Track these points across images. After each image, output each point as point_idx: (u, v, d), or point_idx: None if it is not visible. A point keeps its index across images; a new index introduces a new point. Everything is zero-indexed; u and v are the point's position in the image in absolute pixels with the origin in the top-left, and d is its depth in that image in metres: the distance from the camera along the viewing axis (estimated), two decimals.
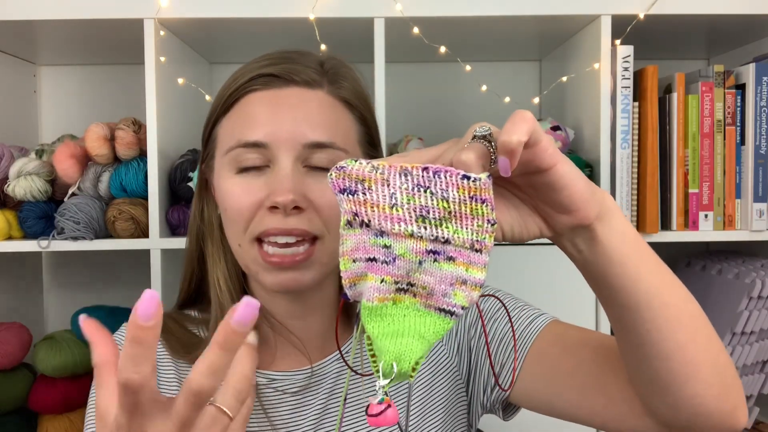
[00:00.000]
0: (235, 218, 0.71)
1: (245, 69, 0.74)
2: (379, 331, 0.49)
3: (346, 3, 1.20)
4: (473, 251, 0.48)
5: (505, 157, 0.45)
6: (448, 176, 0.46)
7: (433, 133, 1.56)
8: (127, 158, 1.24)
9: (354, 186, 0.48)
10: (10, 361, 1.30)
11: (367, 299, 0.49)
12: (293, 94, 0.71)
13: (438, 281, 0.49)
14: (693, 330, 0.58)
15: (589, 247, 0.54)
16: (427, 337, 0.49)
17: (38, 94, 1.61)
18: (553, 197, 0.50)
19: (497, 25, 1.30)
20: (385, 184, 0.48)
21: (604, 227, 0.53)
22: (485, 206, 0.47)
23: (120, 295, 1.52)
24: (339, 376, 0.79)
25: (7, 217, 1.25)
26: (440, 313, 0.49)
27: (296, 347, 0.78)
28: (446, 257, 0.48)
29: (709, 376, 0.59)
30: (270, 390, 0.77)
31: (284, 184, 0.68)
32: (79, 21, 1.21)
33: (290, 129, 0.69)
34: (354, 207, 0.49)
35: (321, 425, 0.77)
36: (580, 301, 1.25)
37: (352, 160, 0.49)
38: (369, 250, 0.49)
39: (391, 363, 0.47)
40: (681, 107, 1.26)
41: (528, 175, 0.49)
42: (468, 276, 0.48)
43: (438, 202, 0.47)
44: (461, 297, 0.49)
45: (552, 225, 0.53)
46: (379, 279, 0.49)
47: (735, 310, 1.26)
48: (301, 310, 0.78)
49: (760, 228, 1.26)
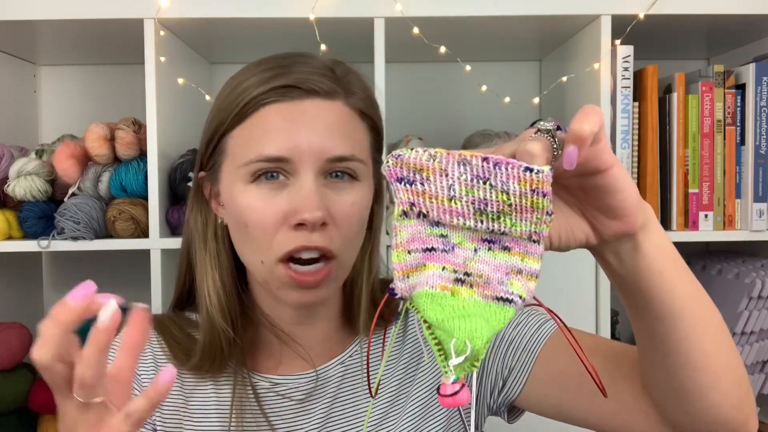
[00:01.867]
0: (257, 235, 0.69)
1: (253, 78, 0.70)
2: (444, 315, 0.47)
3: (346, 3, 1.20)
4: (530, 242, 0.48)
5: (573, 147, 0.45)
6: (509, 168, 0.45)
7: (433, 133, 1.56)
8: (127, 158, 1.24)
9: (411, 175, 0.47)
10: (10, 361, 1.30)
11: (429, 287, 0.48)
12: (312, 106, 0.69)
13: (493, 269, 0.48)
14: (718, 340, 0.59)
15: (631, 257, 0.54)
16: (492, 323, 0.47)
17: (38, 94, 1.61)
18: (607, 200, 0.50)
19: (497, 25, 1.30)
20: (443, 174, 0.47)
21: (646, 237, 0.53)
22: (545, 199, 0.45)
23: (120, 295, 1.52)
24: (343, 379, 0.79)
25: (7, 217, 1.25)
26: (499, 302, 0.48)
27: (299, 354, 0.78)
28: (501, 246, 0.48)
29: (729, 386, 0.60)
30: (272, 394, 0.76)
31: (312, 200, 0.66)
32: (79, 21, 1.21)
33: (312, 143, 0.68)
34: (411, 197, 0.48)
35: (324, 429, 0.76)
36: (581, 304, 1.25)
37: (408, 149, 0.47)
38: (426, 240, 0.48)
39: (464, 340, 0.45)
40: (681, 107, 1.26)
41: (582, 177, 0.49)
42: (523, 266, 0.48)
43: (497, 195, 0.46)
44: (518, 286, 0.48)
45: (600, 232, 0.52)
46: (440, 267, 0.48)
47: (735, 310, 1.26)
48: (308, 318, 0.78)
49: (760, 228, 1.26)
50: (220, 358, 0.75)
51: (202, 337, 0.75)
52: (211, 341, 0.74)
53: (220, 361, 0.75)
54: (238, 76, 0.73)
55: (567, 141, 0.45)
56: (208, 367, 0.75)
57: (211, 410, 0.76)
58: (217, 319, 0.74)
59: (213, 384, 0.77)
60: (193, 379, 0.77)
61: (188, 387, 0.77)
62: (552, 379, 0.74)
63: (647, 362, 0.63)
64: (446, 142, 1.52)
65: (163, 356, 0.77)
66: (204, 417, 0.76)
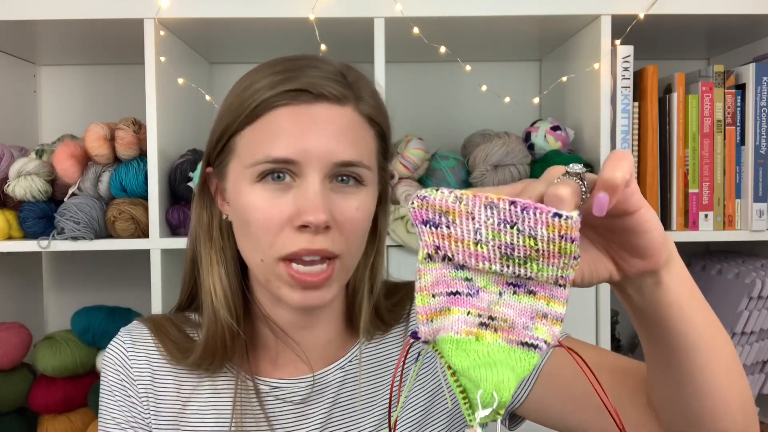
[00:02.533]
0: (259, 234, 0.69)
1: (266, 80, 0.71)
2: (469, 363, 0.46)
3: (346, 3, 1.20)
4: (556, 286, 0.47)
5: (604, 194, 0.44)
6: (538, 213, 0.44)
7: (433, 133, 1.56)
8: (127, 158, 1.24)
9: (437, 218, 0.46)
10: (10, 361, 1.30)
11: (454, 332, 0.47)
12: (322, 111, 0.69)
13: (518, 314, 0.47)
14: (730, 368, 0.59)
15: (652, 291, 0.53)
16: (517, 371, 0.47)
17: (38, 94, 1.61)
18: (633, 241, 0.50)
19: (497, 25, 1.30)
20: (470, 218, 0.46)
21: (669, 272, 0.53)
22: (573, 244, 0.44)
23: (120, 295, 1.52)
24: (342, 385, 0.78)
25: (7, 217, 1.25)
26: (524, 348, 0.47)
27: (298, 356, 0.78)
28: (527, 290, 0.47)
29: (737, 412, 0.60)
30: (271, 398, 0.76)
31: (316, 203, 0.67)
32: (79, 21, 1.21)
33: (321, 147, 0.68)
34: (436, 240, 0.47)
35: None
36: (581, 304, 1.25)
37: (434, 189, 0.46)
38: (450, 284, 0.48)
39: (491, 392, 0.44)
40: (681, 107, 1.26)
41: (609, 218, 0.48)
42: (549, 310, 0.47)
43: (525, 240, 0.45)
44: (543, 331, 0.47)
45: (623, 269, 0.52)
46: (465, 311, 0.47)
47: (735, 310, 1.26)
48: (309, 322, 0.78)
49: (760, 228, 1.26)
50: (222, 354, 0.75)
51: (205, 332, 0.75)
52: (215, 335, 0.74)
53: (221, 357, 0.75)
54: (250, 75, 0.73)
55: (597, 188, 0.45)
56: (208, 364, 0.75)
57: (209, 412, 0.76)
58: (222, 313, 0.74)
59: (210, 385, 0.76)
60: (190, 382, 0.77)
61: (186, 389, 0.77)
62: (556, 391, 0.74)
63: (658, 387, 0.63)
64: (446, 142, 1.52)
65: (159, 357, 0.77)
66: (201, 419, 0.76)
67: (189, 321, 0.81)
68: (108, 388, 0.77)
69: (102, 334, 1.30)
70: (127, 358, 0.77)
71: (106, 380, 0.77)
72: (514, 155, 1.27)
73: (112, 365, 0.77)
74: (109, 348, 0.79)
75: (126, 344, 0.78)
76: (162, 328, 0.79)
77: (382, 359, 0.81)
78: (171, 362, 0.76)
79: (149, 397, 0.76)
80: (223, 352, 0.75)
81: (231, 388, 0.76)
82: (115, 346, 0.78)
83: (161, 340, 0.77)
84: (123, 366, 0.77)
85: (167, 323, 0.79)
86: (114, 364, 0.77)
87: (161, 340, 0.77)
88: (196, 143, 1.37)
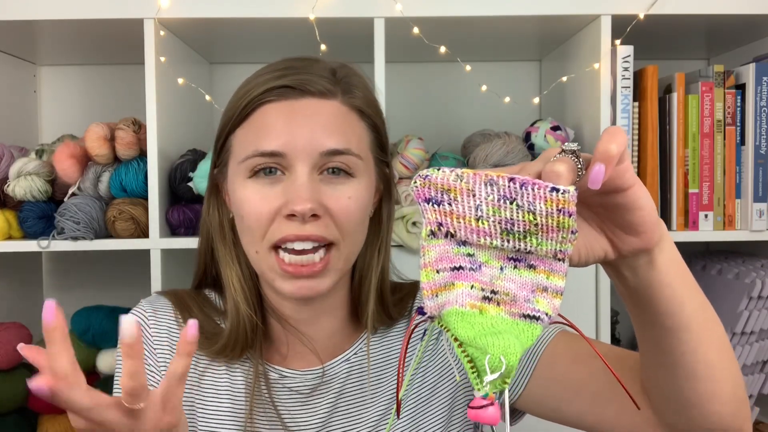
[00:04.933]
0: (252, 226, 0.72)
1: (258, 80, 0.74)
2: (475, 332, 0.48)
3: (346, 3, 1.20)
4: (555, 260, 0.48)
5: (600, 167, 0.45)
6: (536, 189, 0.46)
7: (433, 133, 1.56)
8: (127, 158, 1.24)
9: (439, 196, 0.48)
10: (10, 361, 1.30)
11: (459, 305, 0.49)
12: (308, 105, 0.72)
13: (519, 287, 0.49)
14: (722, 351, 0.61)
15: (645, 270, 0.55)
16: (522, 340, 0.48)
17: (38, 94, 1.61)
18: (627, 218, 0.51)
19: (497, 25, 1.30)
20: (471, 195, 0.47)
21: (661, 251, 0.54)
22: (571, 219, 0.46)
23: (120, 295, 1.52)
24: (348, 376, 0.80)
25: (7, 217, 1.25)
26: (526, 320, 0.49)
27: (307, 347, 0.80)
28: (527, 265, 0.49)
29: (729, 394, 0.61)
30: (279, 386, 0.78)
31: (302, 192, 0.69)
32: (79, 21, 1.21)
33: (307, 138, 0.70)
34: (439, 217, 0.48)
35: (329, 424, 0.78)
36: (581, 304, 1.25)
37: (435, 169, 0.48)
38: (454, 259, 0.49)
39: (498, 356, 0.46)
40: (681, 107, 1.26)
41: (604, 195, 0.50)
42: (549, 283, 0.49)
43: (524, 215, 0.46)
44: (544, 303, 0.49)
45: (618, 247, 0.54)
46: (468, 285, 0.49)
47: (735, 310, 1.26)
48: (311, 314, 0.79)
49: (760, 228, 1.26)
50: (243, 345, 0.77)
51: (229, 324, 0.78)
52: (238, 327, 0.77)
53: (242, 347, 0.77)
54: (249, 78, 0.76)
55: (594, 160, 0.46)
56: (229, 352, 0.77)
57: (223, 393, 0.78)
58: (242, 306, 0.77)
59: (226, 367, 0.79)
60: (205, 359, 0.79)
61: (201, 365, 0.79)
62: (553, 381, 0.75)
63: (651, 371, 0.64)
64: (446, 141, 1.52)
65: (178, 330, 0.79)
66: (216, 399, 0.78)
67: (210, 303, 0.83)
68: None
69: (102, 334, 1.30)
70: (148, 327, 0.79)
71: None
72: (514, 155, 1.27)
73: None
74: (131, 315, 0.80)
75: (148, 313, 0.80)
76: (187, 308, 0.81)
77: (385, 354, 0.82)
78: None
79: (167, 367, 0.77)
80: (245, 343, 0.77)
81: (244, 371, 0.78)
82: (136, 313, 0.81)
83: (185, 320, 0.79)
84: (144, 334, 0.79)
85: (191, 302, 0.81)
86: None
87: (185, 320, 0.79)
88: (196, 143, 1.37)
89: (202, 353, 0.79)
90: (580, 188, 0.47)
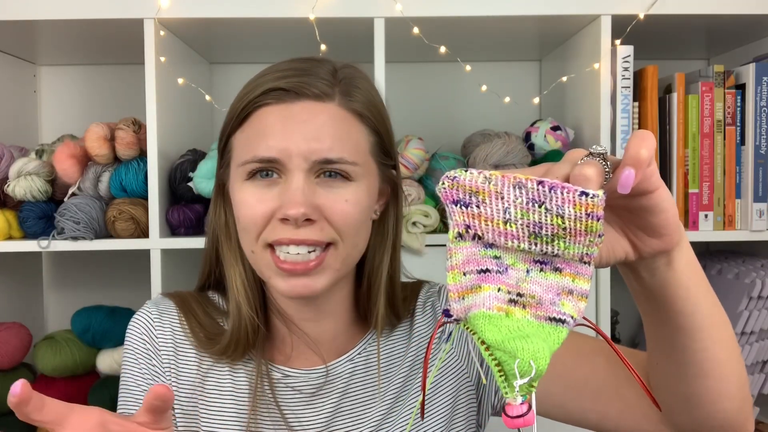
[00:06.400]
0: (248, 227, 0.72)
1: (258, 81, 0.74)
2: (502, 336, 0.47)
3: (346, 3, 1.20)
4: (581, 263, 0.48)
5: (630, 171, 0.45)
6: (565, 192, 0.45)
7: (433, 133, 1.56)
8: (127, 158, 1.24)
9: (467, 198, 0.48)
10: (10, 361, 1.30)
11: (486, 308, 0.48)
12: (304, 109, 0.71)
13: (545, 290, 0.49)
14: (730, 350, 0.61)
15: (663, 271, 0.55)
16: (548, 343, 0.48)
17: (38, 94, 1.61)
18: (650, 220, 0.51)
19: (497, 25, 1.30)
20: (499, 197, 0.47)
21: (679, 253, 0.55)
22: (599, 222, 0.46)
23: (120, 295, 1.52)
24: (352, 376, 0.80)
25: (7, 217, 1.25)
26: (551, 323, 0.49)
27: (310, 347, 0.80)
28: (553, 268, 0.49)
29: (735, 392, 0.62)
30: (282, 385, 0.78)
31: (295, 197, 0.69)
32: (79, 21, 1.21)
33: (300, 145, 0.70)
34: (467, 220, 0.48)
35: (332, 424, 0.78)
36: None
37: (463, 170, 0.48)
38: (481, 262, 0.49)
39: (528, 361, 0.45)
40: (681, 107, 1.26)
41: (629, 198, 0.50)
42: (574, 286, 0.49)
43: (552, 219, 0.46)
44: (569, 306, 0.49)
45: (639, 249, 0.54)
46: (495, 288, 0.49)
47: (735, 310, 1.26)
48: (313, 314, 0.79)
49: (760, 228, 1.26)
50: (245, 346, 0.78)
51: (231, 325, 0.78)
52: (239, 328, 0.77)
53: (244, 348, 0.78)
54: (251, 79, 0.76)
55: (624, 164, 0.46)
56: (231, 353, 0.78)
57: (226, 393, 0.78)
58: (244, 308, 0.77)
59: (229, 368, 0.79)
60: (209, 360, 0.79)
61: (205, 366, 0.79)
62: (556, 378, 0.75)
63: (661, 369, 0.65)
64: (446, 141, 1.52)
65: (182, 332, 0.80)
66: (219, 399, 0.78)
67: (212, 304, 0.83)
68: (133, 355, 0.79)
69: (102, 334, 1.30)
70: (153, 329, 0.80)
71: (132, 348, 0.80)
72: (514, 155, 1.27)
73: (139, 334, 0.80)
74: (136, 317, 0.81)
75: (153, 315, 0.81)
76: (190, 310, 0.81)
77: (388, 354, 0.82)
78: (198, 348, 0.79)
79: (171, 369, 0.78)
80: (246, 344, 0.78)
81: (247, 372, 0.79)
82: (142, 315, 0.81)
83: (188, 322, 0.80)
84: (149, 336, 0.79)
85: (195, 304, 0.82)
86: (141, 333, 0.80)
87: (188, 322, 0.80)
88: (196, 143, 1.37)
89: (205, 354, 0.79)
90: (607, 192, 0.47)
